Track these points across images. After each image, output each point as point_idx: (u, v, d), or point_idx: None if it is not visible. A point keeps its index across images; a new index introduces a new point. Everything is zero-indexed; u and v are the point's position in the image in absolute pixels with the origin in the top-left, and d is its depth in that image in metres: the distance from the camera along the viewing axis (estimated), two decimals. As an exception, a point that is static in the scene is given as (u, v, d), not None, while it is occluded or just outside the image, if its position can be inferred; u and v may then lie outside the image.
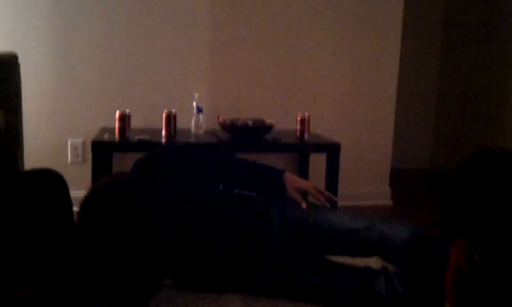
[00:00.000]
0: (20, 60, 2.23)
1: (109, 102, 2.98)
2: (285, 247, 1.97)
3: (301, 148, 2.97)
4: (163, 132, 2.70)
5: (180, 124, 2.84)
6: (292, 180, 2.02)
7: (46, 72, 2.97)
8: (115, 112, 2.63)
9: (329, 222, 1.94)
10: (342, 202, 3.14)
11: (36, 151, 2.93)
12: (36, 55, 2.94)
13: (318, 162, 3.05)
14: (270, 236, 1.97)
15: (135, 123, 2.87)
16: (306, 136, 2.84)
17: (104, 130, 2.76)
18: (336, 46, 3.30)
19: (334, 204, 2.13)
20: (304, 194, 2.02)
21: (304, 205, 1.96)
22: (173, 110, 2.72)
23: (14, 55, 2.22)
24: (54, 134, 3.01)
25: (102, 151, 2.53)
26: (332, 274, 1.91)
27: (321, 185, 2.70)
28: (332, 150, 2.79)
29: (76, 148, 2.99)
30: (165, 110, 2.70)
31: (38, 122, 2.96)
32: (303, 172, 3.24)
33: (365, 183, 3.44)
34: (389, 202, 3.49)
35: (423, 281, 1.78)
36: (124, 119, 2.57)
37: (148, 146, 2.54)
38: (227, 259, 1.93)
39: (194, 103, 2.88)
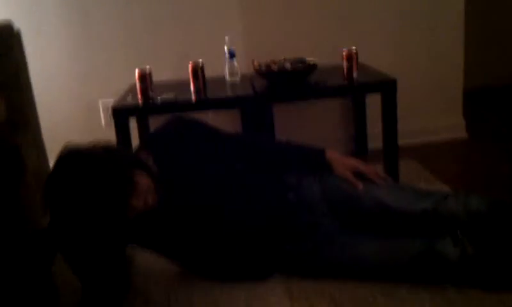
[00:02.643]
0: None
1: (135, 56, 2.72)
2: (327, 221, 1.71)
3: (351, 89, 2.54)
4: (191, 87, 2.41)
5: (213, 72, 2.54)
6: (337, 158, 1.74)
7: (66, 33, 2.75)
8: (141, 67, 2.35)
9: (383, 200, 1.65)
10: (409, 140, 2.85)
11: (69, 117, 2.80)
12: (57, 22, 2.73)
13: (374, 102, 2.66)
14: (307, 212, 1.71)
15: (164, 76, 2.64)
16: (355, 75, 2.42)
17: (131, 89, 2.50)
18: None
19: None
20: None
21: (360, 186, 1.67)
22: (200, 61, 2.39)
23: (8, 25, 1.93)
24: (84, 98, 2.82)
25: (123, 116, 2.28)
26: (389, 239, 1.62)
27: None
28: (387, 89, 2.36)
29: (108, 109, 2.78)
30: (190, 62, 2.39)
31: (67, 87, 2.80)
32: (360, 117, 2.88)
33: (435, 117, 3.02)
34: (463, 135, 3.06)
35: (497, 242, 1.53)
36: (145, 78, 2.28)
37: (173, 106, 2.28)
38: (257, 246, 1.69)
39: (226, 48, 2.54)
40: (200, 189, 1.68)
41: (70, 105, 2.81)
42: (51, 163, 1.50)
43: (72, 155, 1.44)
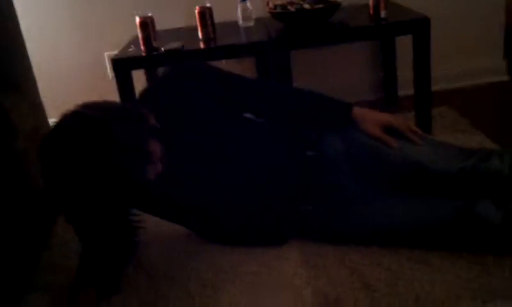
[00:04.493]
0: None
1: (140, 4, 2.45)
2: (350, 181, 1.51)
3: (378, 31, 2.25)
4: (199, 34, 2.19)
5: (225, 17, 2.32)
6: (365, 113, 1.52)
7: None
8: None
9: (416, 159, 1.44)
10: (443, 85, 2.59)
11: (74, 73, 2.64)
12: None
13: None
14: (328, 171, 1.52)
15: (172, 23, 2.43)
16: (382, 14, 2.15)
17: (135, 40, 2.30)
18: None
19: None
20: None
21: (395, 144, 1.46)
22: (208, 5, 2.17)
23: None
24: (89, 51, 2.63)
25: (124, 68, 2.09)
26: (421, 201, 1.42)
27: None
28: (419, 29, 2.10)
29: (115, 62, 2.61)
30: (197, 7, 2.17)
31: (70, 42, 2.62)
32: (389, 62, 2.62)
33: (472, 59, 2.73)
34: (505, 78, 2.76)
35: None
36: (146, 26, 2.08)
37: (180, 56, 2.08)
38: (270, 208, 1.50)
39: (237, -12, 2.31)
40: (209, 147, 1.48)
41: (74, 60, 2.64)
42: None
43: (76, 122, 1.28)
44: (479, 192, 1.35)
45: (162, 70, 1.70)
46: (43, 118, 1.97)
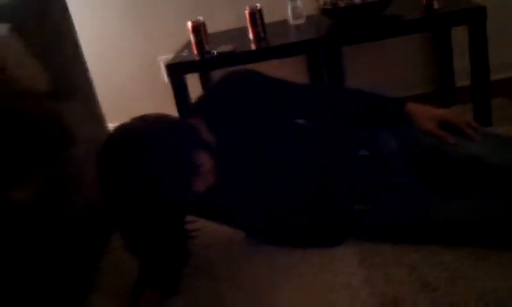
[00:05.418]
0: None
1: (190, 8, 2.52)
2: (406, 179, 1.48)
3: (432, 22, 2.19)
4: (250, 35, 2.21)
5: (275, 16, 2.33)
6: (419, 109, 1.47)
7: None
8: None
9: (475, 155, 1.40)
10: (503, 74, 2.50)
11: (132, 75, 2.71)
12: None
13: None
14: (383, 170, 1.50)
15: (223, 25, 2.45)
16: (436, 5, 2.10)
17: (188, 44, 2.33)
18: None
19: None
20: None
21: (452, 140, 1.42)
22: (258, 5, 2.19)
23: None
24: (144, 57, 2.70)
25: (178, 73, 2.14)
26: (480, 198, 1.38)
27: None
28: (476, 18, 2.04)
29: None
30: (247, 8, 2.19)
31: (125, 48, 2.69)
32: (444, 53, 2.54)
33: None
34: None
35: None
36: (199, 30, 2.12)
37: (232, 58, 2.10)
38: (326, 209, 1.50)
39: (287, -12, 2.31)
40: (262, 155, 1.48)
41: (129, 67, 2.71)
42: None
43: (127, 136, 1.31)
44: None
45: (218, 74, 1.72)
46: (102, 124, 2.04)
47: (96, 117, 2.00)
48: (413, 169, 1.48)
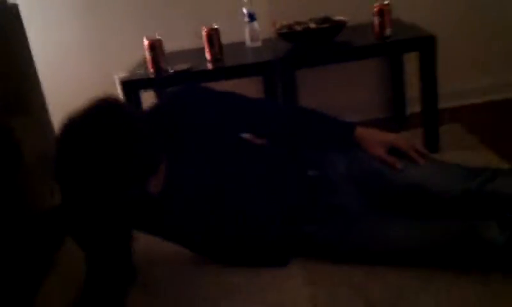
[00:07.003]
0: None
1: (148, 27, 2.48)
2: (353, 202, 1.51)
3: (383, 48, 2.26)
4: (207, 55, 2.22)
5: (233, 38, 2.35)
6: (368, 134, 1.51)
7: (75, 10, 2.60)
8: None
9: (419, 180, 1.44)
10: (451, 102, 2.57)
11: (86, 91, 2.60)
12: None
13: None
14: (330, 192, 1.52)
15: (180, 45, 2.46)
16: (387, 32, 2.16)
17: (144, 61, 2.33)
18: None
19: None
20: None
21: (398, 165, 1.45)
22: (215, 26, 2.20)
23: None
24: (98, 72, 2.65)
25: (133, 90, 2.13)
26: (424, 221, 1.41)
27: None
28: (425, 46, 2.10)
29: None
30: (204, 28, 2.20)
31: (79, 63, 2.65)
32: (396, 80, 2.62)
33: (481, 76, 2.70)
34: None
35: None
36: (155, 47, 2.12)
37: (188, 77, 2.10)
38: (272, 229, 1.50)
39: (244, 10, 2.34)
40: (209, 166, 1.48)
41: (84, 82, 2.65)
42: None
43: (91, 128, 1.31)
44: (483, 212, 1.34)
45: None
46: (52, 138, 2.00)
47: (48, 132, 1.96)
48: (360, 192, 1.50)
